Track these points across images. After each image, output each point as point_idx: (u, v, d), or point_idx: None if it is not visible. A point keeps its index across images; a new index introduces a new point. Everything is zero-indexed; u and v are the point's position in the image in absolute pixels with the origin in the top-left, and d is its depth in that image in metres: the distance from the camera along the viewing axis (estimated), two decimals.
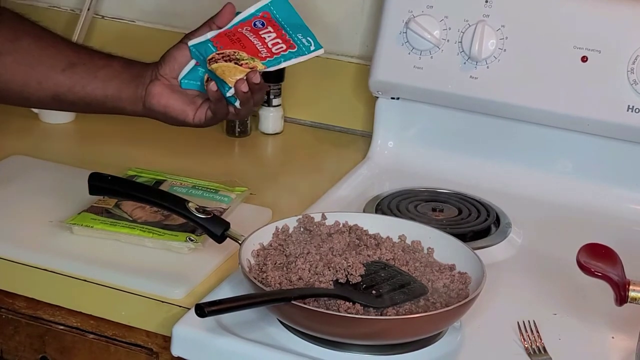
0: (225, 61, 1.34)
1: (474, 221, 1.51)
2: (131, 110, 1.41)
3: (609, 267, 1.18)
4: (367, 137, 1.78)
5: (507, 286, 1.35)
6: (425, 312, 1.19)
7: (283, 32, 1.38)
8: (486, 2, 1.60)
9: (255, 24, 1.39)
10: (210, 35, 1.38)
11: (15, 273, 1.39)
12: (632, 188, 1.59)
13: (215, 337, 1.21)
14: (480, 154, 1.67)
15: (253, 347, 1.20)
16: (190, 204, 1.32)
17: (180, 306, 1.30)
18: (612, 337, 1.26)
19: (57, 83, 1.40)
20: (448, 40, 1.63)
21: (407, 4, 1.64)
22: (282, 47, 1.37)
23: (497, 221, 1.53)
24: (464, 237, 1.40)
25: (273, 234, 1.33)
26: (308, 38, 1.38)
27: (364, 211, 1.52)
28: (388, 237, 1.34)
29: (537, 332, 1.24)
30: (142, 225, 1.43)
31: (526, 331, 1.24)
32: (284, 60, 1.36)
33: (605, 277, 1.17)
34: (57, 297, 1.39)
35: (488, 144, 1.67)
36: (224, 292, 1.28)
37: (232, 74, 1.33)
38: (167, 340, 1.29)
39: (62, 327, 1.41)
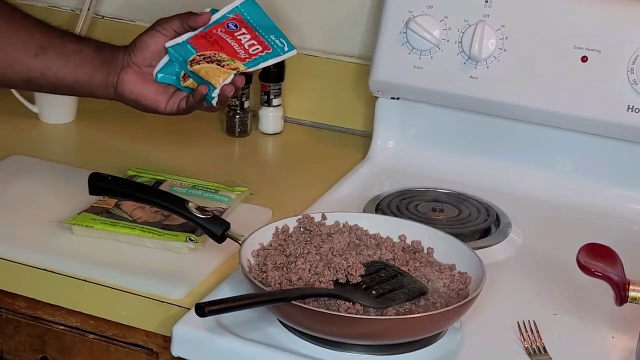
0: (207, 62, 1.38)
1: (474, 221, 1.51)
2: (101, 94, 1.43)
3: (609, 267, 1.18)
4: (367, 137, 1.78)
5: (507, 286, 1.35)
6: (425, 312, 1.19)
7: (257, 33, 1.42)
8: (486, 2, 1.60)
9: (228, 26, 1.43)
10: (186, 37, 1.41)
11: (15, 273, 1.39)
12: (632, 188, 1.59)
13: (215, 337, 1.21)
14: (480, 154, 1.67)
15: (253, 347, 1.20)
16: (190, 204, 1.32)
17: (180, 306, 1.30)
18: (612, 337, 1.26)
19: (29, 68, 1.40)
20: (448, 40, 1.63)
21: (407, 4, 1.64)
22: (258, 49, 1.41)
23: (497, 221, 1.53)
24: (464, 237, 1.40)
25: (273, 234, 1.33)
26: (281, 39, 1.43)
27: (364, 211, 1.52)
28: (388, 237, 1.34)
29: (537, 332, 1.24)
30: (142, 225, 1.43)
31: (526, 331, 1.24)
32: (262, 61, 1.41)
33: (605, 277, 1.17)
34: (57, 297, 1.39)
35: (488, 144, 1.67)
36: (224, 292, 1.28)
37: (217, 76, 1.37)
38: (167, 340, 1.29)
39: (62, 327, 1.41)
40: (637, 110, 1.53)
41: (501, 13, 1.60)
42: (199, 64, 1.39)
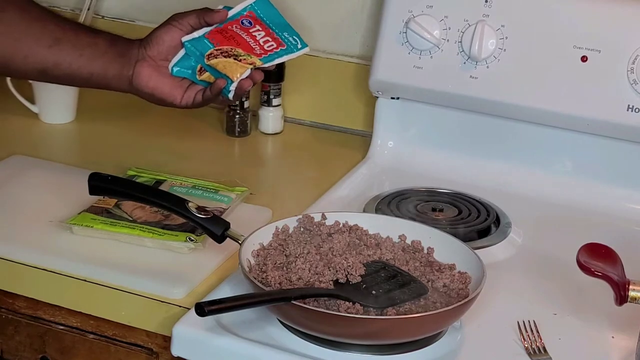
0: (224, 57, 1.40)
1: (474, 221, 1.51)
2: (116, 87, 1.44)
3: (609, 267, 1.18)
4: (367, 137, 1.78)
5: (507, 286, 1.35)
6: (425, 312, 1.19)
7: (270, 30, 1.46)
8: (486, 2, 1.60)
9: (243, 23, 1.46)
10: (202, 32, 1.43)
11: (15, 273, 1.39)
12: (632, 188, 1.59)
13: (215, 337, 1.21)
14: (480, 153, 1.67)
15: (253, 347, 1.20)
16: (190, 204, 1.32)
17: (180, 306, 1.30)
18: (612, 337, 1.26)
19: (43, 59, 1.41)
20: (448, 40, 1.63)
21: (407, 3, 1.64)
22: (272, 45, 1.44)
23: (497, 221, 1.53)
24: (464, 237, 1.40)
25: (273, 234, 1.33)
26: (294, 37, 1.46)
27: (364, 211, 1.52)
28: (388, 237, 1.34)
29: (537, 332, 1.24)
30: (142, 225, 1.43)
31: (526, 331, 1.24)
32: (277, 57, 1.44)
33: (605, 277, 1.17)
34: (57, 297, 1.39)
35: (488, 144, 1.67)
36: (224, 292, 1.28)
37: (234, 70, 1.39)
38: (167, 340, 1.29)
39: (62, 327, 1.41)
40: (637, 110, 1.53)
41: (501, 13, 1.60)
42: (216, 57, 1.40)
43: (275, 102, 1.84)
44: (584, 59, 1.56)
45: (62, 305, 1.39)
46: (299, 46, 1.46)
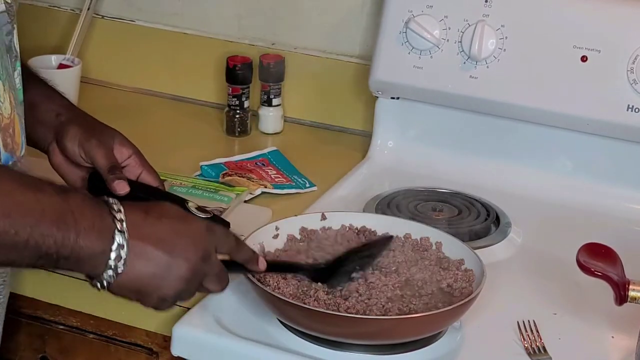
0: (238, 176, 1.57)
1: (474, 221, 1.51)
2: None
3: (608, 266, 1.18)
4: (367, 137, 1.78)
5: (507, 286, 1.35)
6: (426, 312, 1.19)
7: (282, 172, 1.65)
8: (486, 2, 1.60)
9: (257, 164, 1.66)
10: (220, 160, 1.65)
11: (16, 273, 1.39)
12: (632, 188, 1.59)
13: (215, 337, 1.21)
14: (480, 153, 1.67)
15: (253, 347, 1.20)
16: (190, 204, 1.32)
17: (180, 306, 1.30)
18: (612, 337, 1.26)
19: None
20: (448, 40, 1.63)
21: (407, 3, 1.64)
22: (282, 181, 1.62)
23: (497, 221, 1.53)
24: (463, 237, 1.40)
25: (274, 235, 1.33)
26: (303, 179, 1.63)
27: (363, 211, 1.52)
28: (397, 236, 1.33)
29: (537, 332, 1.24)
30: None
31: (526, 331, 1.24)
32: (287, 189, 1.60)
33: (605, 277, 1.17)
34: (57, 297, 1.39)
35: (488, 144, 1.67)
36: (224, 291, 1.28)
37: (248, 185, 1.56)
38: (167, 340, 1.29)
39: (62, 327, 1.41)
40: (637, 110, 1.53)
41: (501, 13, 1.60)
42: (230, 176, 1.59)
43: (275, 101, 1.84)
44: (584, 59, 1.56)
45: (62, 305, 1.39)
46: (307, 185, 1.61)
